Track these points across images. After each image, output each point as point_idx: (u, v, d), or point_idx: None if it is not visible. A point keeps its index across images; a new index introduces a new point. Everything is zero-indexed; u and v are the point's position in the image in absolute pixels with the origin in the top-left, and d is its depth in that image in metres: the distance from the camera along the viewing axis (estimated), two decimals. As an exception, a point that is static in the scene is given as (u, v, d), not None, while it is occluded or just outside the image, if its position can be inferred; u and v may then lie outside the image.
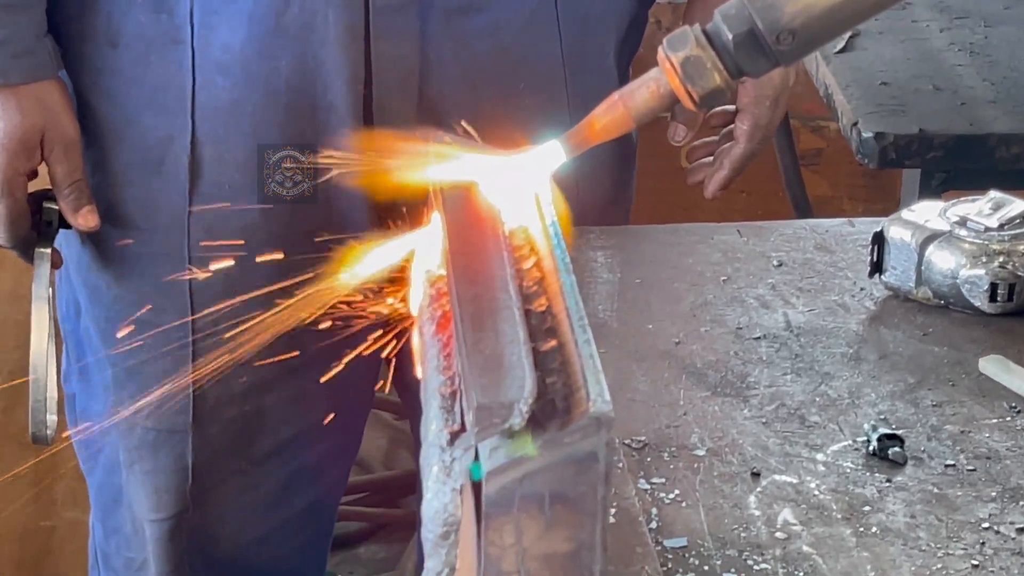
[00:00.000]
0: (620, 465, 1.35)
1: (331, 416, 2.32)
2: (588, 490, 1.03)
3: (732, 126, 2.23)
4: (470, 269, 1.18)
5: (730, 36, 1.30)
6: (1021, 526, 1.36)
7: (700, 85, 1.31)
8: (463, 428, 1.07)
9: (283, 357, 2.11)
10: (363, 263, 1.60)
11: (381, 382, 2.44)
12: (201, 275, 2.19)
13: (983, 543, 1.33)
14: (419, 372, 1.27)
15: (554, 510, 1.03)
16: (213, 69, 2.11)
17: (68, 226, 2.16)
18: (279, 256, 2.13)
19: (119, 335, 2.22)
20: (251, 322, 2.03)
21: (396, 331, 2.18)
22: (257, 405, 2.23)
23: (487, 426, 1.02)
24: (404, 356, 2.30)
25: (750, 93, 2.21)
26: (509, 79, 2.13)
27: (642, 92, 1.35)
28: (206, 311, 2.17)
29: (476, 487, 1.05)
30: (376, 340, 2.18)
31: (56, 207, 2.13)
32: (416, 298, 1.34)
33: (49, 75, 2.12)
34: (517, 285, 1.15)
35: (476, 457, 1.07)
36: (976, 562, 1.31)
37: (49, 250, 2.15)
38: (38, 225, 2.15)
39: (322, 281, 1.95)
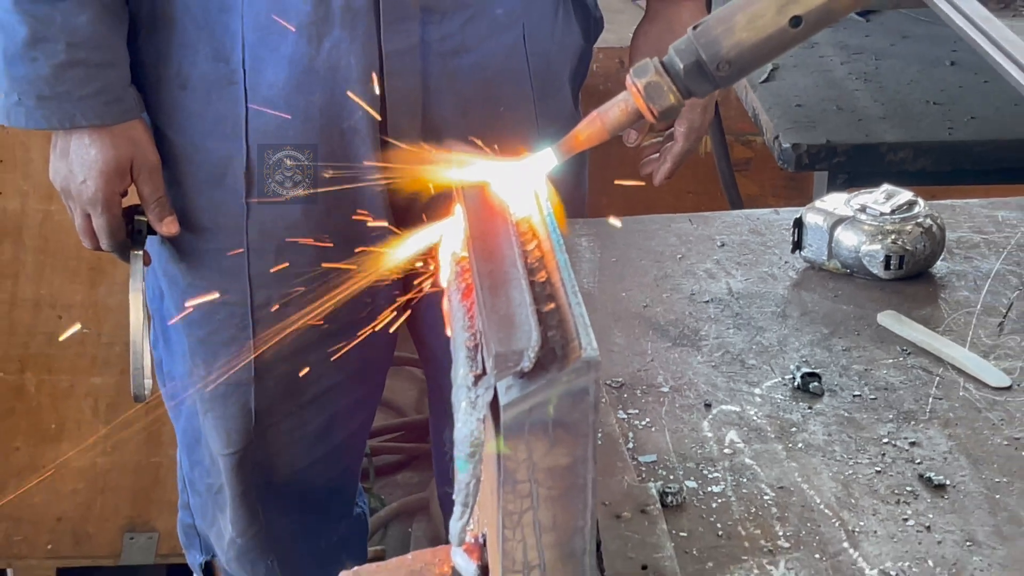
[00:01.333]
0: (603, 400, 1.35)
1: (359, 371, 2.37)
2: (582, 417, 1.04)
3: (672, 129, 2.24)
4: (486, 250, 1.18)
5: (681, 66, 1.30)
6: (912, 440, 1.36)
7: (659, 104, 1.31)
8: (484, 372, 1.05)
9: (321, 325, 2.11)
10: (395, 251, 1.56)
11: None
12: (257, 264, 2.21)
13: (883, 454, 1.34)
14: (448, 331, 1.25)
15: (556, 433, 1.03)
16: (261, 103, 2.10)
17: (154, 233, 2.17)
18: (320, 245, 2.16)
19: (192, 313, 2.25)
20: (296, 299, 2.11)
21: (408, 306, 2.20)
22: (303, 363, 2.21)
23: (503, 369, 1.02)
24: (418, 324, 2.41)
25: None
26: (491, 104, 2.13)
27: (614, 110, 1.35)
28: (262, 292, 2.22)
29: (496, 416, 1.05)
30: (392, 313, 2.20)
31: (144, 219, 2.15)
32: (445, 273, 1.30)
33: (135, 116, 2.11)
34: (523, 262, 1.15)
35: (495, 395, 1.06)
36: (878, 469, 1.32)
37: (141, 252, 2.17)
38: (131, 233, 2.16)
39: (360, 266, 2.00)
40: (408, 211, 2.18)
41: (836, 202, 1.64)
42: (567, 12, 2.28)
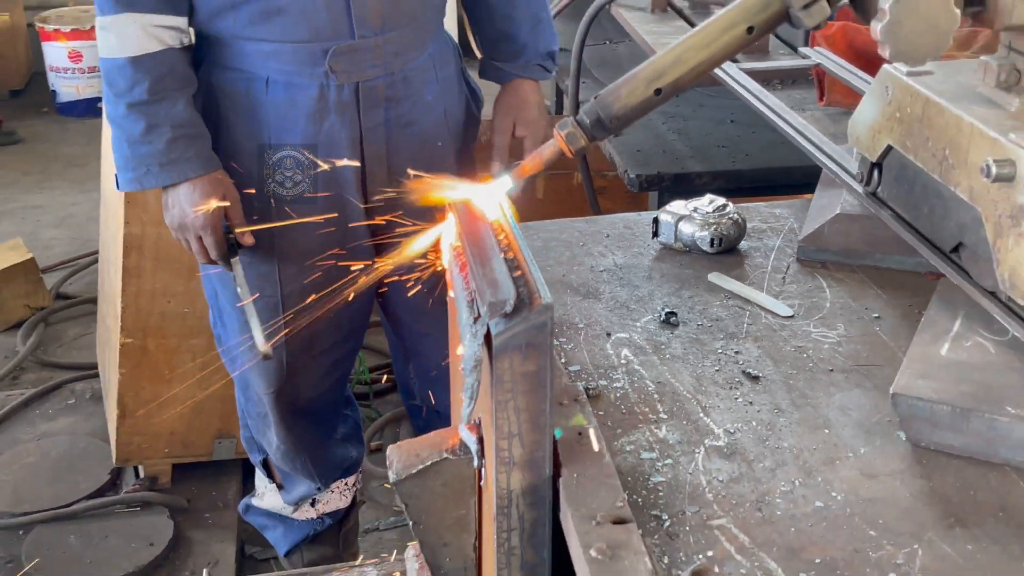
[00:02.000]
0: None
1: (349, 333, 2.38)
2: (543, 340, 1.05)
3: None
4: (473, 239, 1.17)
5: (588, 121, 1.27)
6: (736, 350, 1.36)
7: (575, 146, 1.28)
8: (479, 315, 1.06)
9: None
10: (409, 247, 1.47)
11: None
12: (284, 271, 2.21)
13: (719, 359, 1.34)
14: (451, 293, 1.25)
15: (527, 351, 1.04)
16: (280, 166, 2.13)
17: (242, 246, 2.15)
18: (337, 255, 2.14)
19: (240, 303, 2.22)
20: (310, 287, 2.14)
21: (380, 288, 2.30)
22: (316, 327, 2.19)
23: (494, 313, 1.03)
24: (388, 299, 2.41)
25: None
26: (427, 155, 2.13)
27: (547, 150, 1.31)
28: (288, 288, 2.21)
29: (488, 342, 1.06)
30: (376, 289, 2.28)
31: (233, 236, 2.12)
32: (446, 256, 1.29)
33: (219, 167, 2.09)
34: (498, 246, 1.15)
35: (488, 331, 1.06)
36: (717, 368, 1.32)
37: (237, 258, 2.15)
38: (228, 247, 2.13)
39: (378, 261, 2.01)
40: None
41: (678, 206, 1.64)
42: (463, 94, 2.28)
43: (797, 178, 2.50)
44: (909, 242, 1.44)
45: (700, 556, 1.00)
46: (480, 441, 1.15)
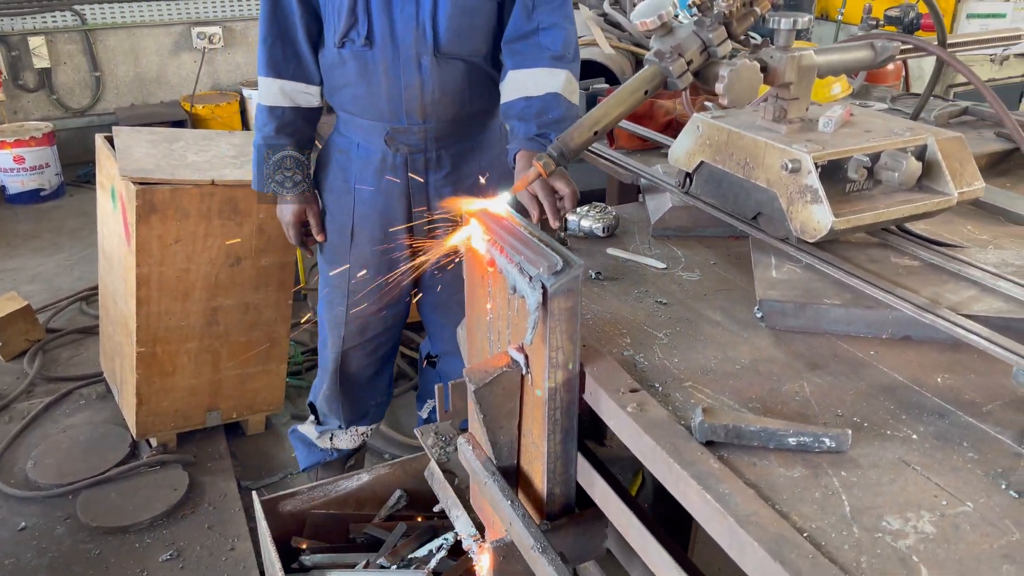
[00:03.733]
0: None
1: (392, 325, 2.29)
2: (576, 287, 1.08)
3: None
4: (508, 231, 1.17)
5: (555, 154, 1.29)
6: (639, 291, 1.38)
7: (549, 170, 1.29)
8: (531, 277, 1.08)
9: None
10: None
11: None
12: (354, 284, 2.16)
13: (639, 297, 1.36)
14: (499, 270, 1.19)
15: (568, 294, 1.07)
16: (359, 204, 2.09)
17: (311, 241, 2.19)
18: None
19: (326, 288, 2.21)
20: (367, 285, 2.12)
21: (416, 291, 2.25)
22: (367, 320, 2.18)
23: (549, 272, 1.06)
24: (421, 299, 2.29)
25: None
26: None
27: (531, 174, 1.30)
28: (354, 280, 2.15)
29: (544, 294, 1.07)
30: (413, 292, 2.25)
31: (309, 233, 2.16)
32: (481, 246, 1.22)
33: (310, 190, 2.09)
34: (522, 232, 1.16)
35: (543, 285, 1.07)
36: (640, 301, 1.35)
37: (316, 247, 2.19)
38: (303, 239, 2.15)
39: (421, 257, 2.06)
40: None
41: (581, 210, 1.64)
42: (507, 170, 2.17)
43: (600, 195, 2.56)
44: (723, 218, 1.58)
45: (691, 401, 1.10)
46: (526, 358, 1.16)
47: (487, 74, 2.00)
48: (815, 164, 1.33)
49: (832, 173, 1.37)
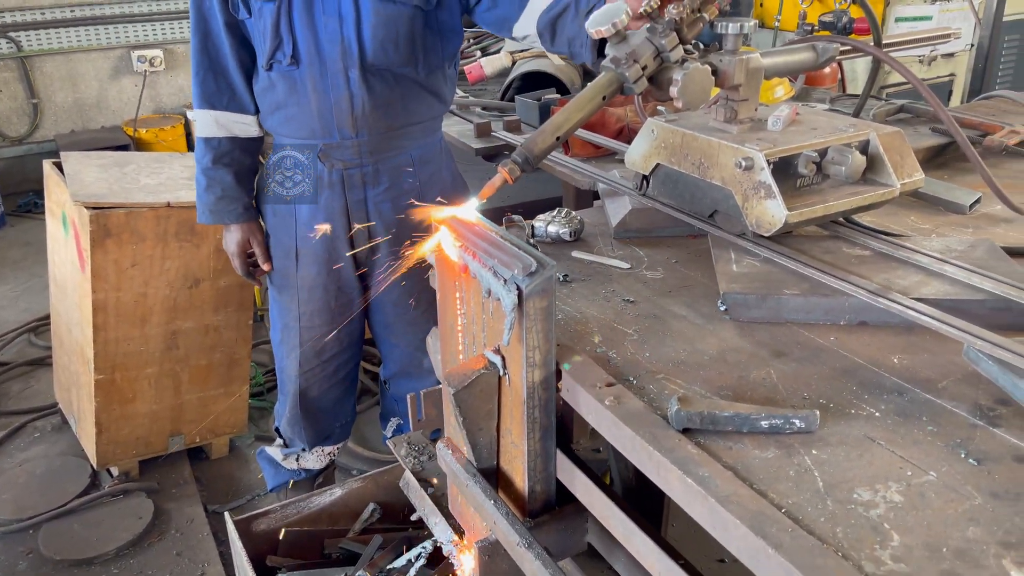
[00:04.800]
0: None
1: (348, 345, 2.29)
2: (550, 288, 1.10)
3: None
4: (480, 236, 1.18)
5: (520, 160, 1.30)
6: (612, 290, 1.40)
7: (514, 176, 1.29)
8: (505, 280, 1.09)
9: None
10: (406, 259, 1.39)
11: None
12: (304, 307, 2.17)
13: (607, 296, 1.38)
14: (472, 275, 1.22)
15: (543, 294, 1.09)
16: (299, 225, 2.09)
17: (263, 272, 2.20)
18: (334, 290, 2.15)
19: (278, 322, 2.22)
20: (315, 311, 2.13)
21: (367, 312, 2.23)
22: (322, 341, 2.17)
23: (523, 273, 1.07)
24: (370, 315, 2.29)
25: None
26: (404, 219, 2.11)
27: (497, 180, 1.28)
28: (303, 313, 2.17)
29: (520, 295, 1.09)
30: (361, 317, 2.22)
31: (254, 261, 2.17)
32: (453, 252, 1.23)
33: (253, 219, 2.10)
34: (494, 236, 1.17)
35: (518, 286, 1.08)
36: (607, 300, 1.37)
37: (266, 275, 2.19)
38: (249, 268, 2.16)
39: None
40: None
41: (544, 217, 1.65)
42: (448, 184, 2.17)
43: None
44: (681, 218, 1.63)
45: (665, 392, 1.13)
46: (503, 359, 1.18)
47: (419, 84, 2.01)
48: (767, 161, 1.39)
49: (783, 169, 1.42)
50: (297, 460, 2.44)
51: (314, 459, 2.44)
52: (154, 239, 2.47)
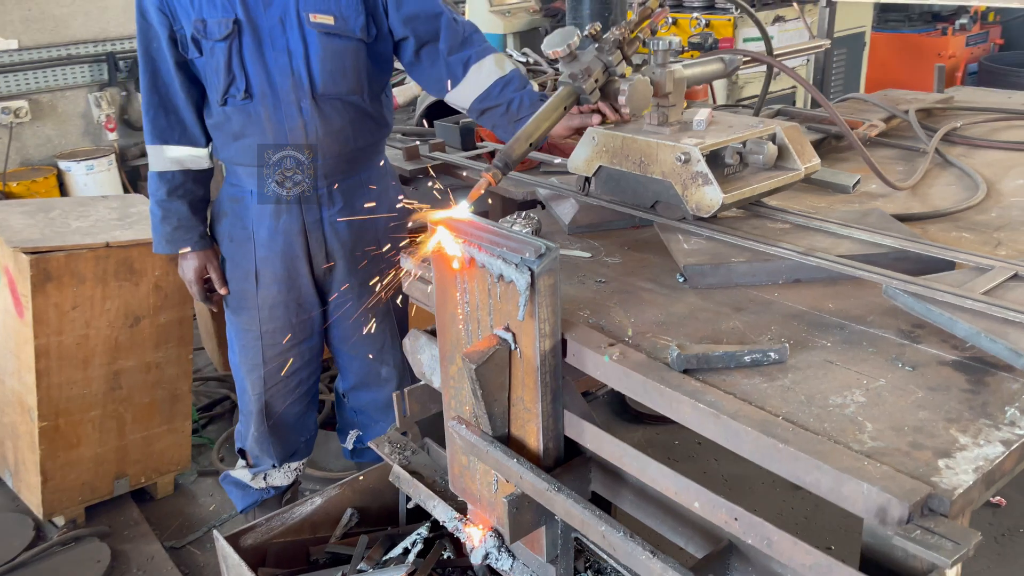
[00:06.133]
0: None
1: (309, 360, 2.33)
2: (556, 267, 1.26)
3: None
4: (482, 229, 1.30)
5: (500, 165, 1.46)
6: (584, 274, 1.52)
7: (497, 179, 1.46)
8: (516, 264, 1.23)
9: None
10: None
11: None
12: (266, 326, 2.22)
13: (581, 279, 1.50)
14: (479, 265, 1.32)
15: (550, 273, 1.25)
16: (259, 247, 2.14)
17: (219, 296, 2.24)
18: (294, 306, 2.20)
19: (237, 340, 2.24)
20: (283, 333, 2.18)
21: (326, 329, 2.29)
22: (285, 359, 2.23)
23: (535, 255, 1.23)
24: (330, 333, 2.33)
25: None
26: (361, 237, 2.17)
27: (482, 183, 1.43)
28: (266, 329, 2.22)
29: (532, 275, 1.23)
30: (321, 333, 2.28)
31: (211, 286, 2.21)
32: (454, 249, 1.33)
33: (208, 247, 2.14)
34: (491, 228, 1.29)
35: (529, 267, 1.24)
36: (582, 282, 1.50)
37: (222, 299, 2.24)
38: (208, 292, 2.21)
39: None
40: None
41: (511, 218, 1.75)
42: (394, 204, 2.23)
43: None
44: (626, 211, 1.84)
45: (658, 345, 1.33)
46: (514, 335, 1.32)
47: (366, 112, 2.12)
48: (702, 154, 1.63)
49: (712, 161, 1.66)
50: (265, 478, 2.47)
51: (282, 476, 2.48)
52: (94, 280, 2.47)
